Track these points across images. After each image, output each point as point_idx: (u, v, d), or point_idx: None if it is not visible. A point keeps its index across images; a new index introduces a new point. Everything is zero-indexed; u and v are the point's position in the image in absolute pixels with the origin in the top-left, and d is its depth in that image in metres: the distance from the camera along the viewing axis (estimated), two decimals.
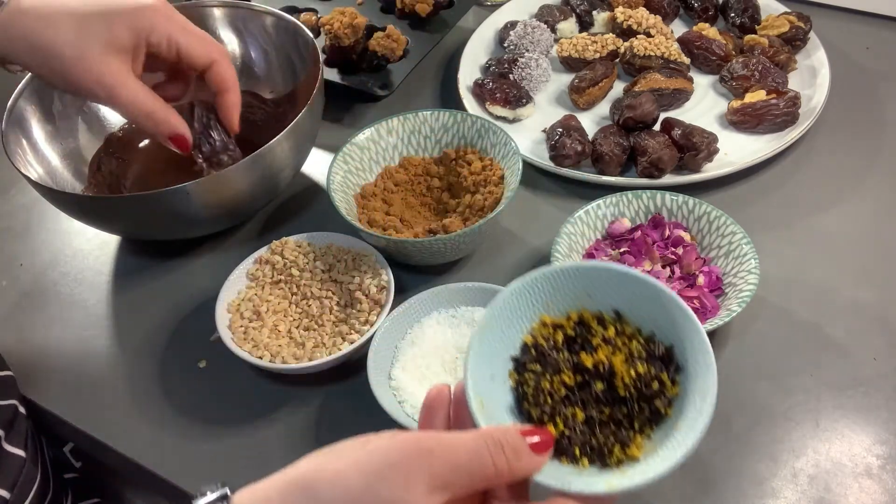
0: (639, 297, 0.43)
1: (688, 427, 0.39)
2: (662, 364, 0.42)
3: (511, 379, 0.43)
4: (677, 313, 0.41)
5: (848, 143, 0.78)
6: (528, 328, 0.44)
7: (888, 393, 0.58)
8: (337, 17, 0.83)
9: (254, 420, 0.61)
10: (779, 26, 0.85)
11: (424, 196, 0.73)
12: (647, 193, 0.67)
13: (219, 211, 0.68)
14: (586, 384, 0.42)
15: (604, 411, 0.41)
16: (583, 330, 0.44)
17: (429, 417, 0.41)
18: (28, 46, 0.56)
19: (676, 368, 0.42)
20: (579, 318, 0.44)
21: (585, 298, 0.44)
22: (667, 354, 0.42)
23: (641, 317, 0.43)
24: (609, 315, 0.44)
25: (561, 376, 0.42)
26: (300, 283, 0.66)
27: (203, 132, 0.63)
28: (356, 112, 0.88)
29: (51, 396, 0.65)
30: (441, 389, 0.41)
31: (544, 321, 0.44)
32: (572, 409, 0.41)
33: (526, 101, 0.82)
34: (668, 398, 0.41)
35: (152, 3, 0.58)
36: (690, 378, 0.41)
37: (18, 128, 0.72)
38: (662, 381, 0.41)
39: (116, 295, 0.72)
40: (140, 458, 0.60)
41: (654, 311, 0.42)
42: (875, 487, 0.53)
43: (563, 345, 0.43)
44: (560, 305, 0.44)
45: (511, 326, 0.44)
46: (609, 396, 0.42)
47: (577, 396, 0.42)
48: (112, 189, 0.77)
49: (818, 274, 0.66)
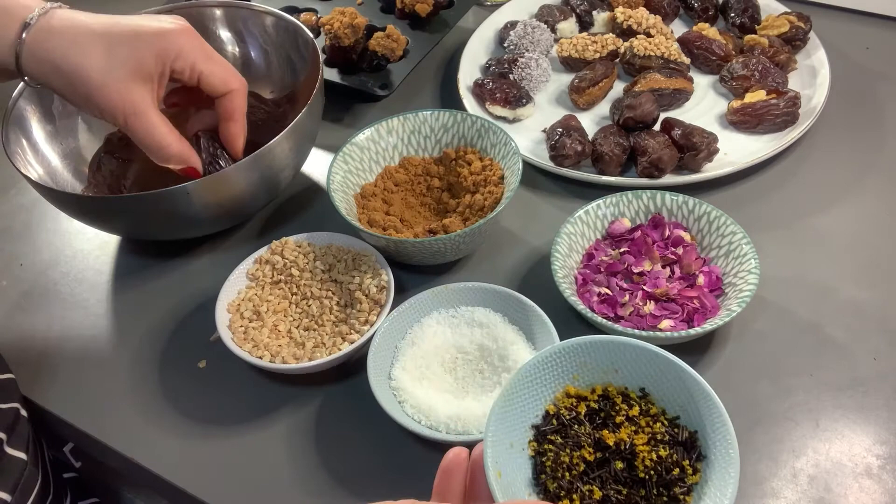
0: (667, 377, 0.43)
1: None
2: (685, 450, 0.41)
3: (530, 447, 0.43)
4: (703, 399, 0.41)
5: (848, 143, 0.78)
6: (552, 398, 0.44)
7: (888, 393, 0.58)
8: (337, 17, 0.83)
9: (254, 420, 0.61)
10: (779, 26, 0.85)
11: (424, 196, 0.74)
12: (647, 193, 0.67)
13: (219, 211, 0.68)
14: (606, 462, 0.42)
15: (621, 492, 0.41)
16: (607, 405, 0.43)
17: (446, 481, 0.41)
18: (54, 68, 0.56)
19: (699, 456, 0.41)
20: (604, 392, 0.44)
21: (612, 373, 0.44)
22: (690, 440, 0.42)
23: (668, 398, 0.43)
24: (635, 392, 0.44)
25: (581, 451, 0.42)
26: (300, 283, 0.66)
27: (211, 162, 0.65)
28: (356, 112, 0.88)
29: (51, 396, 0.65)
30: (458, 453, 0.41)
31: (568, 392, 0.44)
32: (590, 486, 0.41)
33: (526, 101, 0.82)
34: (688, 486, 0.40)
35: (178, 28, 0.59)
36: (712, 467, 0.40)
37: (18, 128, 0.72)
38: (683, 468, 0.41)
39: (116, 295, 0.72)
40: (140, 458, 0.60)
41: (682, 394, 0.42)
42: (875, 487, 0.53)
43: (586, 418, 0.43)
44: (586, 377, 0.44)
45: (535, 394, 0.43)
46: (628, 477, 0.41)
47: (595, 473, 0.41)
48: (112, 189, 0.77)
49: (818, 274, 0.66)
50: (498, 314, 0.62)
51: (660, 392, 0.43)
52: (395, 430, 0.58)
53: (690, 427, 0.42)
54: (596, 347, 0.44)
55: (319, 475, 0.57)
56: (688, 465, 0.41)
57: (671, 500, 0.40)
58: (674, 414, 0.43)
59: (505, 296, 0.62)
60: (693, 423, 0.42)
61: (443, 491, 0.40)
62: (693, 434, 0.42)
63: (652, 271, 0.64)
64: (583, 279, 0.64)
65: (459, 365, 0.60)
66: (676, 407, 0.43)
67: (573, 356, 0.44)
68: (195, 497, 0.57)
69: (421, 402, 0.57)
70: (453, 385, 0.59)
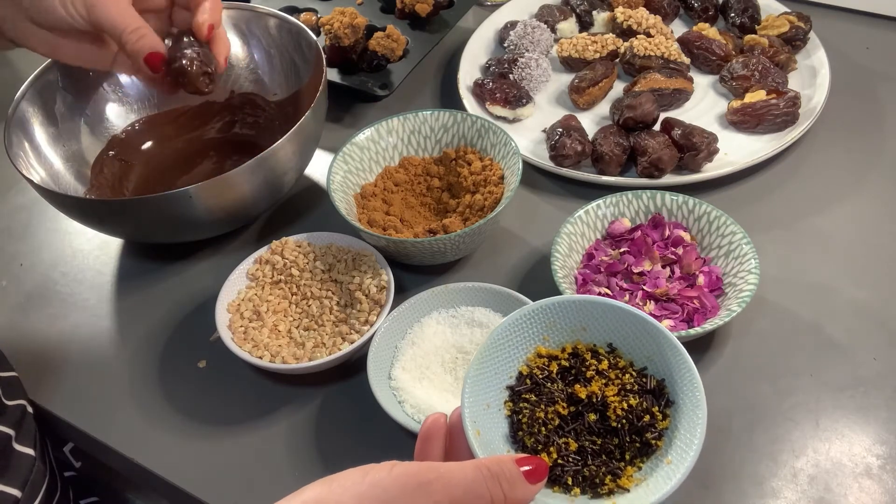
0: (632, 331, 0.44)
1: (677, 460, 0.40)
2: (654, 397, 0.43)
3: (506, 408, 0.44)
4: (669, 348, 0.43)
5: (848, 143, 0.78)
6: (524, 358, 0.45)
7: (888, 393, 0.58)
8: (337, 17, 0.83)
9: (254, 420, 0.61)
10: (779, 26, 0.85)
11: (424, 196, 0.74)
12: (647, 193, 0.67)
13: (221, 214, 0.68)
14: (579, 415, 0.43)
15: (596, 442, 0.43)
16: (577, 362, 0.45)
17: (425, 446, 0.42)
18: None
19: (667, 402, 0.43)
20: (574, 350, 0.45)
21: (581, 331, 0.46)
22: (658, 388, 0.43)
23: (634, 351, 0.45)
24: (603, 348, 0.45)
25: (555, 407, 0.43)
26: (300, 283, 0.66)
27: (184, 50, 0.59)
28: (356, 112, 0.88)
29: (51, 396, 0.65)
30: (437, 418, 0.42)
31: (539, 352, 0.45)
32: (565, 439, 0.42)
33: (526, 101, 0.82)
34: (659, 431, 0.42)
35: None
36: (681, 411, 0.42)
37: (21, 130, 0.72)
38: (653, 414, 0.42)
39: (117, 295, 0.72)
40: (140, 458, 0.60)
41: (647, 346, 0.44)
42: (875, 487, 0.53)
43: (558, 375, 0.45)
44: (556, 337, 0.46)
45: (507, 356, 0.45)
46: (601, 427, 0.43)
47: (570, 427, 0.43)
48: (114, 192, 0.77)
49: (818, 274, 0.66)
50: (498, 314, 0.62)
51: (627, 346, 0.45)
52: (395, 430, 0.58)
53: (658, 376, 0.44)
54: (564, 307, 0.45)
55: (319, 475, 0.56)
56: (657, 412, 0.43)
57: (644, 445, 0.42)
58: (641, 365, 0.45)
59: (505, 296, 0.62)
60: (660, 372, 0.44)
61: (423, 456, 0.42)
62: (661, 382, 0.44)
63: (652, 271, 0.64)
64: (583, 279, 0.64)
65: (459, 365, 0.60)
66: (643, 358, 0.45)
67: (542, 317, 0.45)
68: (195, 497, 0.57)
69: (421, 402, 0.57)
70: (453, 385, 0.59)
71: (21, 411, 0.63)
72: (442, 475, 0.36)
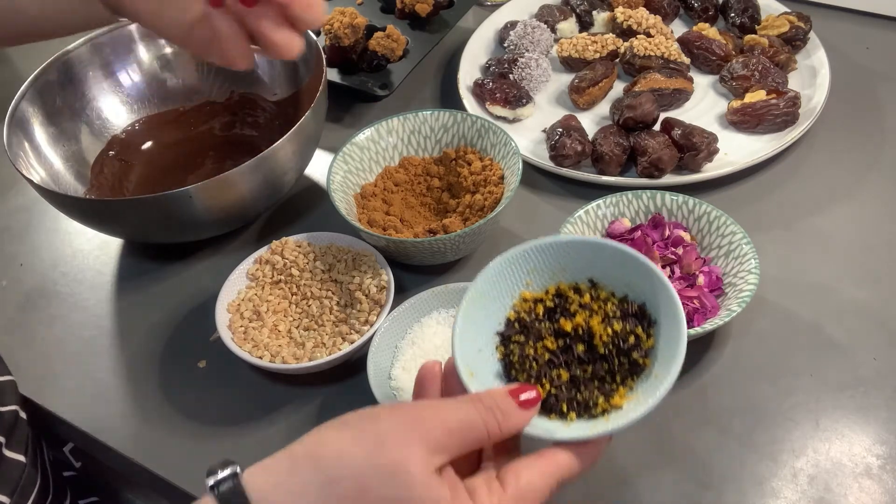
0: (610, 264, 0.46)
1: (664, 371, 0.42)
2: (636, 320, 0.45)
3: (498, 352, 0.46)
4: (646, 273, 0.44)
5: (848, 143, 0.78)
6: (511, 305, 0.47)
7: (888, 393, 0.58)
8: (337, 17, 0.83)
9: (254, 420, 0.61)
10: (779, 26, 0.85)
11: (424, 196, 0.74)
12: (647, 193, 0.67)
13: (221, 214, 0.68)
14: (568, 347, 0.45)
15: (586, 370, 0.44)
16: (561, 300, 0.47)
17: (421, 390, 0.44)
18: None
19: (650, 322, 0.45)
20: (557, 291, 0.47)
21: (561, 272, 0.48)
22: (640, 311, 0.45)
23: (614, 281, 0.47)
24: (584, 284, 0.47)
25: (544, 342, 0.45)
26: (300, 283, 0.66)
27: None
28: (356, 112, 0.88)
29: (51, 396, 0.65)
30: (432, 365, 0.44)
31: (524, 297, 0.47)
32: (557, 371, 0.44)
33: (526, 101, 0.82)
34: (645, 350, 0.44)
35: None
36: (663, 329, 0.44)
37: (21, 130, 0.72)
38: (638, 335, 0.44)
39: (117, 295, 0.72)
40: (140, 458, 0.60)
41: (626, 275, 0.46)
42: (875, 487, 0.53)
43: (544, 315, 0.46)
44: (539, 281, 0.48)
45: (494, 304, 0.47)
46: (590, 356, 0.45)
47: (560, 359, 0.45)
48: (114, 192, 0.77)
49: (818, 274, 0.66)
50: None
51: (606, 277, 0.47)
52: None
53: (638, 301, 0.46)
54: (541, 250, 0.47)
55: None
56: (641, 332, 0.44)
57: (632, 365, 0.44)
58: (622, 294, 0.46)
59: None
60: (640, 297, 0.46)
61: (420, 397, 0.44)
62: (642, 306, 0.45)
63: None
64: None
65: None
66: (623, 287, 0.46)
67: (522, 263, 0.47)
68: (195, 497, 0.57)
69: None
70: None
71: (13, 417, 0.62)
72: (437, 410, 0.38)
